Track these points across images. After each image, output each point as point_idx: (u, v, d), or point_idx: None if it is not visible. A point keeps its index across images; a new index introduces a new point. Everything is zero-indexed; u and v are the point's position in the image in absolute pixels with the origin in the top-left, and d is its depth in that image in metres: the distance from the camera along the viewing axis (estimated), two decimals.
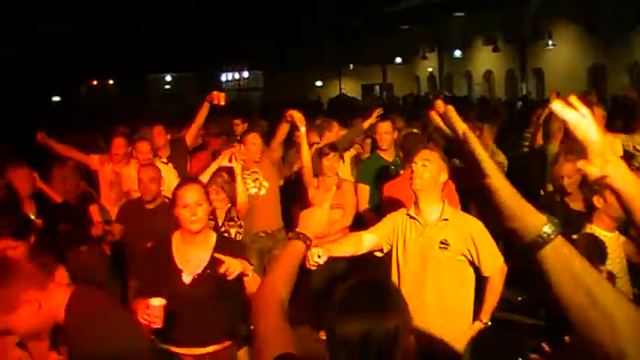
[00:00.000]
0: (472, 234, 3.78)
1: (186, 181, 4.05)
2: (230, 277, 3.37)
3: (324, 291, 5.15)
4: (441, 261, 3.80)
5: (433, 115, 1.85)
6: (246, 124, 8.41)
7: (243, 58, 35.92)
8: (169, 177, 6.36)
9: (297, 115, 5.98)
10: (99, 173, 6.84)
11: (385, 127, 6.42)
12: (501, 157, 7.21)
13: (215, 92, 6.87)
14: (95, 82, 40.93)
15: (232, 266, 3.37)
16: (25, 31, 28.54)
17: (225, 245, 3.79)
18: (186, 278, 3.68)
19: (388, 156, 6.36)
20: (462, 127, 1.70)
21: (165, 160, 6.92)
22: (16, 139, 9.46)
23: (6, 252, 3.95)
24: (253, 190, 6.15)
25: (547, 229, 1.49)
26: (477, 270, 3.85)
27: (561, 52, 23.64)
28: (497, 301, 3.93)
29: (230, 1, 29.51)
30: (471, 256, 3.79)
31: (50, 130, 7.18)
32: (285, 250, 2.34)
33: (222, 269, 3.36)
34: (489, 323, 3.91)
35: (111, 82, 40.87)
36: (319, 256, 3.34)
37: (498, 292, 3.88)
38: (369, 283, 1.98)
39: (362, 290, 1.94)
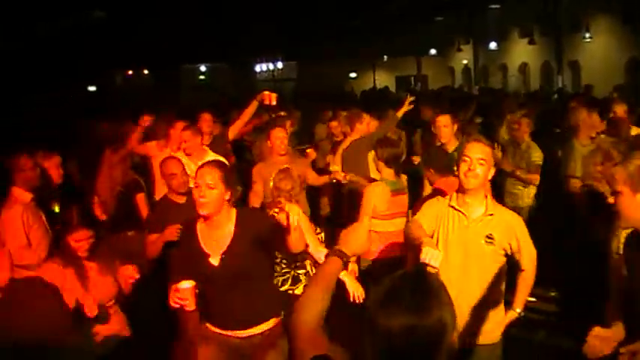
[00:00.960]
0: (515, 229, 3.77)
1: (207, 162, 3.91)
2: (294, 226, 3.14)
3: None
4: (485, 254, 3.78)
5: None
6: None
7: (277, 48, 35.91)
8: None
9: None
10: (153, 158, 6.78)
11: (444, 120, 6.29)
12: (537, 153, 7.07)
13: (267, 92, 6.70)
14: (130, 73, 41.33)
15: (292, 212, 3.13)
16: (59, 21, 28.88)
17: (247, 217, 3.77)
18: (214, 260, 3.67)
19: (449, 148, 6.16)
20: None
21: (205, 148, 6.99)
22: (49, 129, 9.61)
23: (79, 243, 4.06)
24: None
25: None
26: (510, 261, 3.86)
27: (598, 45, 23.25)
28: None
29: None
30: (512, 250, 3.79)
31: (86, 118, 7.28)
32: (323, 267, 2.39)
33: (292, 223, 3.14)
34: (523, 313, 3.94)
35: (146, 72, 41.21)
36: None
37: (532, 283, 3.92)
38: (413, 276, 1.92)
39: (406, 283, 1.88)
